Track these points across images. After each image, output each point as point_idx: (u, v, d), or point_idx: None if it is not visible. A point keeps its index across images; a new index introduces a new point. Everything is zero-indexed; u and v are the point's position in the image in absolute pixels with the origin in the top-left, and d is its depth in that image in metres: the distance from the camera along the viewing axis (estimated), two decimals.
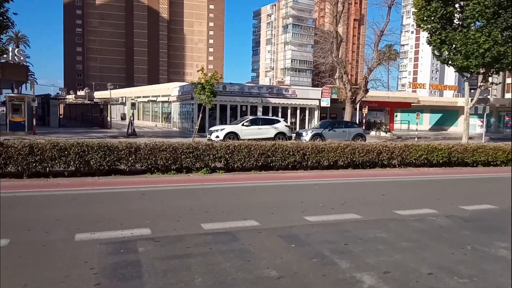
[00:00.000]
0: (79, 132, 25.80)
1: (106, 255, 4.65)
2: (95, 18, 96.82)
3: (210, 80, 20.13)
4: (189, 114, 30.45)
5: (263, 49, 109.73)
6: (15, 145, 9.40)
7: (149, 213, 6.62)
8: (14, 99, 23.95)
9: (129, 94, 48.81)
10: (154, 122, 40.40)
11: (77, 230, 5.50)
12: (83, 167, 9.94)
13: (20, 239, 5.11)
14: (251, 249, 4.97)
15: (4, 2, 16.75)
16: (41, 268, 4.20)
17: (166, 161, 10.64)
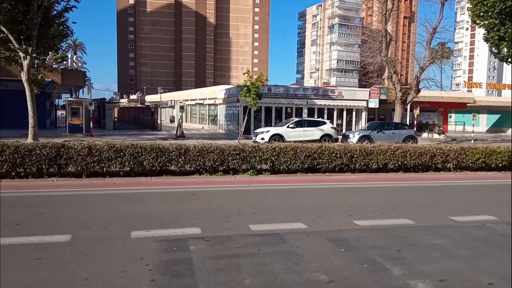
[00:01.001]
0: (132, 134, 27.03)
1: (160, 252, 4.84)
2: (146, 25, 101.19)
3: (255, 82, 20.34)
4: (234, 116, 30.88)
5: (308, 50, 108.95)
6: (75, 146, 10.03)
7: (199, 213, 6.79)
8: (73, 103, 25.55)
9: (178, 97, 50.40)
10: (201, 124, 41.40)
11: (133, 227, 5.77)
12: (137, 168, 10.40)
13: (81, 235, 5.45)
14: (300, 252, 4.95)
15: (64, 12, 17.96)
16: (100, 263, 4.46)
17: (214, 162, 10.87)
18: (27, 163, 9.59)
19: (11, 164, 9.47)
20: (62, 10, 17.78)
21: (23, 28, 16.22)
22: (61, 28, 17.82)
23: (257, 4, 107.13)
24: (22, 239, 5.15)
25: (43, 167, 9.75)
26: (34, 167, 9.68)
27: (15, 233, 5.40)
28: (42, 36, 16.97)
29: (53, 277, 4.03)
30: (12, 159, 9.42)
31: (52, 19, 17.60)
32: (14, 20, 15.93)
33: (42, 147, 9.65)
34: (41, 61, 19.13)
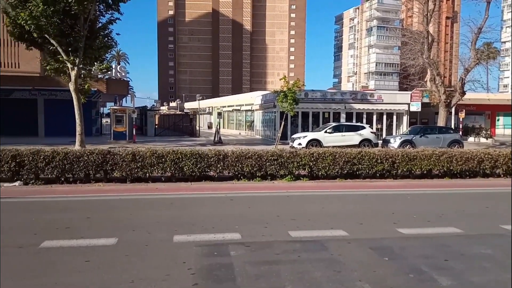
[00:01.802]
0: (172, 140, 27.75)
1: (202, 256, 4.92)
2: (185, 34, 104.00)
3: (292, 88, 20.28)
4: (271, 122, 30.93)
5: (345, 53, 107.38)
6: (120, 153, 10.44)
7: (238, 218, 6.84)
8: (117, 111, 26.66)
9: (215, 104, 51.24)
10: (238, 130, 41.79)
11: (175, 232, 5.90)
12: (177, 173, 10.65)
13: (126, 238, 5.64)
14: (341, 260, 4.85)
15: (109, 24, 18.82)
16: (145, 266, 4.59)
17: (252, 168, 10.91)
18: (75, 169, 10.08)
19: (60, 170, 9.99)
20: (106, 22, 18.64)
21: (71, 40, 17.14)
22: (106, 39, 18.65)
23: (293, 10, 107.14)
24: (72, 242, 5.40)
25: (90, 172, 10.22)
26: (82, 172, 10.16)
27: (65, 236, 5.69)
28: (88, 47, 17.85)
29: (101, 280, 4.20)
30: (61, 165, 9.94)
31: (97, 31, 18.49)
32: (63, 33, 16.87)
33: (90, 153, 10.12)
34: (88, 71, 20.09)
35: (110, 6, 18.32)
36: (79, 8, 15.97)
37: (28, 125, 28.84)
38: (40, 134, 29.18)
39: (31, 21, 15.64)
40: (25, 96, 28.61)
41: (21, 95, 28.52)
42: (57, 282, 4.09)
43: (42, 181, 10.00)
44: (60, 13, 16.04)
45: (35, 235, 5.66)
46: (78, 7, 15.89)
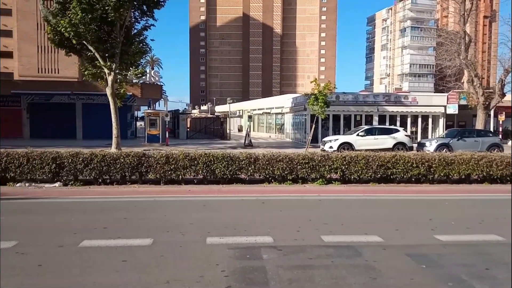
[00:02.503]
0: (203, 143, 28.15)
1: (234, 259, 4.94)
2: (216, 38, 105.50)
3: (323, 90, 20.10)
4: (301, 125, 30.76)
5: (378, 55, 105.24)
6: (154, 155, 10.69)
7: (270, 222, 6.83)
8: (151, 115, 27.37)
9: (245, 107, 51.55)
10: (268, 133, 41.82)
11: (208, 234, 5.97)
12: (209, 176, 10.78)
13: (161, 239, 5.76)
14: (376, 266, 4.74)
15: (144, 31, 19.38)
16: (180, 267, 4.67)
17: (283, 171, 10.88)
18: (112, 171, 10.41)
19: (98, 172, 10.35)
20: (141, 28, 19.21)
21: (108, 46, 17.78)
22: (141, 45, 19.20)
23: (323, 12, 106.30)
24: (109, 242, 5.58)
25: (126, 174, 10.52)
26: (118, 174, 10.48)
27: (103, 236, 5.88)
28: (124, 53, 18.45)
29: (138, 279, 4.30)
30: (99, 167, 10.29)
31: (132, 37, 19.08)
32: (100, 40, 17.52)
33: (126, 156, 10.42)
34: (123, 76, 20.77)
35: (145, 13, 18.87)
36: (116, 15, 16.54)
37: (66, 128, 30.14)
38: (78, 137, 30.41)
39: (70, 28, 16.35)
40: (64, 101, 29.91)
41: (60, 99, 29.84)
42: (95, 281, 4.22)
43: (80, 182, 10.39)
44: (97, 20, 16.67)
45: (75, 235, 5.88)
46: (115, 14, 16.47)
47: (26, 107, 30.09)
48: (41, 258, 4.88)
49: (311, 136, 21.23)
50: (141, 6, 18.65)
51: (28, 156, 10.05)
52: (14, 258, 4.89)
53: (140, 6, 18.65)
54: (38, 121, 30.14)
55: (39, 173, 10.07)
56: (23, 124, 30.20)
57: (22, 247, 5.27)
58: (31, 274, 4.38)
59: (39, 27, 48.10)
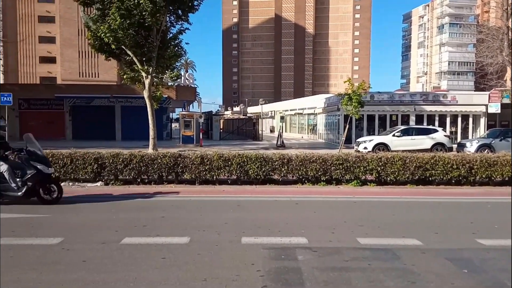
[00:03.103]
0: (236, 144, 28.41)
1: (269, 259, 4.98)
2: (248, 40, 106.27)
3: (357, 90, 19.78)
4: (334, 125, 30.38)
5: (414, 53, 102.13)
6: (189, 156, 10.93)
7: (304, 223, 6.82)
8: (185, 116, 27.95)
9: (277, 108, 51.53)
10: (300, 134, 41.60)
11: (243, 233, 6.05)
12: (243, 176, 10.89)
13: (198, 238, 5.89)
14: (415, 270, 4.63)
15: (179, 34, 19.83)
16: (216, 266, 4.76)
17: (316, 172, 10.81)
18: (150, 171, 10.75)
19: (137, 172, 10.71)
20: (177, 32, 19.67)
21: (145, 51, 18.34)
22: (176, 49, 19.65)
23: (357, 10, 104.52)
24: (149, 240, 5.77)
25: (163, 174, 10.82)
26: (156, 174, 10.80)
27: (143, 234, 6.09)
28: (160, 57, 18.97)
29: (176, 277, 4.43)
30: (138, 167, 10.65)
31: (168, 41, 19.57)
32: (138, 44, 18.10)
33: (163, 156, 10.72)
34: (160, 79, 21.35)
35: (180, 17, 19.32)
36: (152, 20, 17.04)
37: (106, 130, 31.35)
38: (117, 138, 31.55)
39: (109, 33, 17.00)
40: (104, 103, 31.11)
41: (100, 102, 31.06)
42: (137, 277, 4.39)
43: (120, 181, 10.79)
44: (135, 26, 17.25)
45: (117, 232, 6.13)
46: (152, 19, 16.97)
47: (69, 110, 31.56)
48: (85, 254, 5.13)
49: (344, 136, 20.93)
50: (177, 10, 19.12)
51: (71, 157, 10.56)
52: (60, 254, 5.17)
53: (175, 11, 19.12)
54: (79, 123, 31.55)
55: (82, 173, 10.56)
56: (65, 126, 31.70)
57: (67, 243, 5.56)
58: (75, 270, 4.61)
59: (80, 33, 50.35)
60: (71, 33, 50.99)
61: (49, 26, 53.86)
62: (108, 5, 17.33)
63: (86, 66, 51.11)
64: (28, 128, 31.18)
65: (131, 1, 16.52)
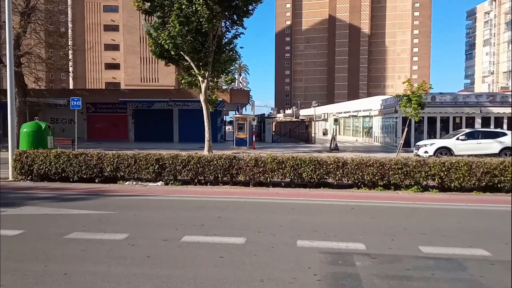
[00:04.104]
0: (289, 147, 28.38)
1: (326, 264, 4.93)
2: (301, 42, 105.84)
3: (416, 91, 18.93)
4: (392, 128, 29.26)
5: (479, 51, 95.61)
6: (244, 158, 11.11)
7: (361, 228, 6.65)
8: (239, 119, 28.42)
9: (331, 110, 50.70)
10: (355, 137, 40.56)
11: (298, 236, 6.04)
12: (296, 179, 10.86)
13: (253, 239, 5.97)
14: (484, 282, 4.34)
15: (234, 39, 20.25)
16: (273, 267, 4.80)
17: (373, 176, 10.49)
18: (206, 172, 11.07)
19: (194, 173, 11.09)
20: (232, 37, 20.11)
21: (202, 56, 18.95)
22: (231, 53, 20.10)
23: (416, 8, 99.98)
24: (207, 238, 5.96)
25: (219, 176, 11.10)
26: (212, 175, 11.10)
27: (201, 232, 6.29)
28: (216, 61, 19.50)
29: (234, 276, 4.53)
30: (195, 168, 11.02)
31: (223, 46, 20.06)
32: (195, 50, 18.74)
33: (218, 158, 11.01)
34: (215, 83, 21.94)
35: (235, 22, 19.73)
36: (209, 26, 17.58)
37: (165, 132, 32.78)
38: (175, 140, 32.86)
39: (169, 40, 17.79)
40: (163, 107, 32.57)
41: (160, 106, 32.55)
42: (196, 274, 4.55)
43: (179, 182, 11.24)
44: (193, 32, 17.89)
45: (177, 230, 6.40)
46: (208, 25, 17.51)
47: (131, 113, 33.41)
48: (149, 250, 5.41)
49: (403, 140, 20.10)
50: (232, 16, 19.55)
51: (135, 158, 11.19)
52: (126, 249, 5.50)
53: (231, 16, 19.56)
54: (141, 126, 33.30)
55: (144, 173, 11.14)
56: (128, 129, 33.60)
57: (132, 239, 5.90)
58: (141, 264, 4.88)
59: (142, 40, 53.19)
60: (133, 41, 54.04)
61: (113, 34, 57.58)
62: (168, 13, 18.16)
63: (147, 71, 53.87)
64: (95, 130, 33.57)
65: (189, 9, 17.17)
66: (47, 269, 4.66)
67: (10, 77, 12.49)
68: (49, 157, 11.41)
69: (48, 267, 4.72)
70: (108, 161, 11.22)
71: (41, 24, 25.56)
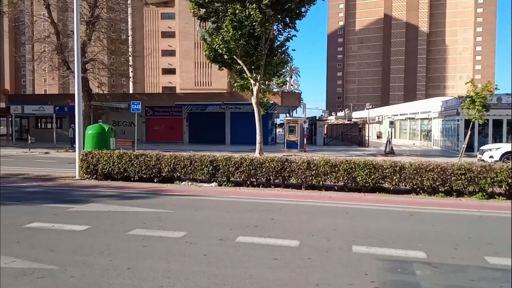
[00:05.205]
0: (341, 150, 27.82)
1: (384, 271, 4.77)
2: (354, 43, 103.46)
3: (481, 92, 17.75)
4: (453, 131, 27.69)
5: None
6: (296, 161, 11.06)
7: (421, 236, 6.36)
8: (290, 122, 28.39)
9: (385, 112, 48.99)
10: (412, 141, 38.84)
11: (353, 242, 5.90)
12: (350, 183, 10.62)
13: (307, 242, 5.93)
14: None
15: (286, 42, 20.29)
16: (328, 272, 4.73)
17: (433, 182, 9.98)
18: (258, 174, 11.17)
19: (246, 175, 11.24)
20: (284, 40, 20.19)
21: (254, 59, 19.20)
22: (283, 56, 20.18)
23: (480, 4, 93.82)
24: (260, 240, 6.01)
25: (271, 178, 11.15)
26: (264, 177, 11.19)
27: (255, 234, 6.36)
28: (268, 64, 19.66)
29: (289, 278, 4.53)
30: (247, 170, 11.17)
31: (275, 49, 20.19)
32: (247, 53, 19.05)
33: (270, 161, 11.06)
34: (267, 86, 22.11)
35: (287, 25, 19.79)
36: (262, 29, 17.78)
37: (217, 135, 33.59)
38: (227, 142, 33.53)
39: (223, 45, 18.24)
40: (216, 110, 33.40)
41: (213, 109, 33.42)
42: (252, 275, 4.61)
43: (232, 183, 11.44)
44: (245, 36, 18.20)
45: (231, 230, 6.52)
46: (261, 28, 17.71)
47: (186, 116, 34.61)
48: (205, 248, 5.57)
49: (465, 144, 18.93)
50: (284, 18, 19.63)
51: (191, 159, 11.57)
52: (184, 246, 5.70)
53: (283, 19, 19.65)
54: (195, 128, 34.40)
55: (199, 173, 11.48)
56: (183, 131, 34.83)
57: (190, 237, 6.11)
58: (198, 262, 5.04)
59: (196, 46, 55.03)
60: (188, 46, 56.06)
61: (170, 40, 60.06)
62: (222, 18, 18.64)
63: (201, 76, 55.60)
64: (152, 132, 35.20)
65: (243, 13, 17.49)
66: (112, 263, 4.95)
67: (78, 83, 13.47)
68: (113, 157, 12.15)
69: (113, 261, 5.02)
70: (165, 162, 11.72)
71: (104, 32, 27.38)
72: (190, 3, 19.14)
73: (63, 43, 26.76)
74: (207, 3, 18.79)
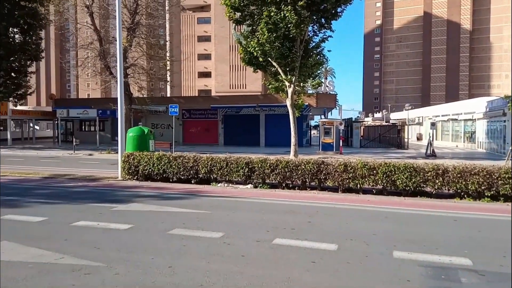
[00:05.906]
0: (378, 152, 27.14)
1: (427, 278, 4.62)
2: (392, 42, 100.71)
3: None
4: (499, 133, 26.30)
5: None
6: (332, 163, 10.93)
7: (466, 242, 6.10)
8: (325, 124, 28.04)
9: (426, 113, 47.27)
10: (455, 143, 37.24)
11: (394, 247, 5.75)
12: (389, 186, 10.35)
13: (346, 246, 5.84)
14: None
15: (321, 43, 20.06)
16: (368, 277, 4.64)
17: (479, 186, 9.54)
18: (294, 176, 11.14)
19: (282, 177, 11.23)
20: (319, 41, 19.97)
21: (289, 61, 19.13)
22: (318, 57, 19.98)
23: None
24: (298, 242, 5.99)
25: (307, 180, 11.08)
26: (299, 180, 11.13)
27: (292, 236, 6.35)
28: (303, 66, 19.53)
29: (328, 282, 4.49)
30: (283, 172, 11.16)
31: (311, 50, 20.02)
32: (282, 56, 19.01)
33: (306, 163, 11.00)
34: (301, 88, 21.98)
35: (323, 25, 19.59)
36: (297, 31, 17.71)
37: (252, 137, 33.77)
38: (261, 144, 33.63)
39: (258, 47, 18.33)
40: (250, 112, 33.59)
41: (247, 111, 33.64)
42: (290, 277, 4.60)
43: (267, 185, 11.48)
44: (280, 38, 18.20)
45: (268, 232, 6.54)
46: (296, 30, 17.65)
47: (221, 119, 35.07)
48: (243, 249, 5.62)
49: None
50: (320, 19, 19.44)
51: (227, 161, 11.72)
52: (222, 247, 5.78)
53: (318, 20, 19.46)
54: (229, 130, 34.78)
55: (235, 175, 11.60)
56: (218, 133, 35.31)
57: (227, 238, 6.19)
58: (236, 262, 5.09)
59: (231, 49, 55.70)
60: (223, 50, 56.82)
61: (206, 44, 61.19)
62: (257, 21, 18.75)
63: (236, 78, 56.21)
64: (189, 134, 35.95)
65: (278, 15, 17.51)
66: (154, 261, 5.11)
67: (120, 87, 14.00)
68: (153, 159, 12.53)
69: (155, 260, 5.18)
70: (202, 164, 11.93)
71: (144, 38, 28.33)
72: (226, 7, 19.40)
73: (105, 49, 27.95)
74: (242, 6, 18.97)
